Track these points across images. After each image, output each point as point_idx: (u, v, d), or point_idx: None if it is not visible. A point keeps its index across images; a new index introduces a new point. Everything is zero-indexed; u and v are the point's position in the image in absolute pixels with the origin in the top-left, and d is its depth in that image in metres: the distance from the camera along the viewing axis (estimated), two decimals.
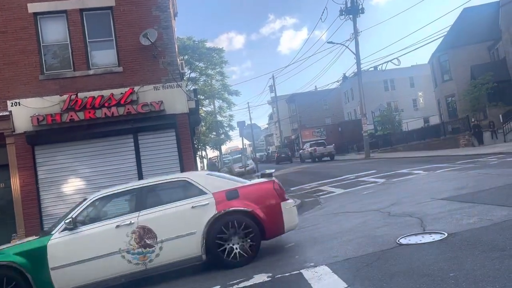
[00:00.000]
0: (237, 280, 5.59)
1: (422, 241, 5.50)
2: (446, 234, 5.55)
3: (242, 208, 6.44)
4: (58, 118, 12.12)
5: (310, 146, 41.66)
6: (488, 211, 6.45)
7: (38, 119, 12.03)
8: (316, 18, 71.60)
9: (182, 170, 12.82)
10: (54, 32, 12.87)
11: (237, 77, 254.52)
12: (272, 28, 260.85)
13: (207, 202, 6.45)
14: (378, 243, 5.89)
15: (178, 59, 14.16)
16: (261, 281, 5.32)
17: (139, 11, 13.00)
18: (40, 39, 12.67)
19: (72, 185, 12.54)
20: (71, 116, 12.15)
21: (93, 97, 12.32)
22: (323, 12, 62.04)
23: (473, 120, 28.12)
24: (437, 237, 5.55)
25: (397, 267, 4.67)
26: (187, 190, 6.75)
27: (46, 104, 12.30)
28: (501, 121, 28.05)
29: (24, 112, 12.18)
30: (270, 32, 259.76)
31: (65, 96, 12.28)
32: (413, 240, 5.67)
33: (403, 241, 5.71)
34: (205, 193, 6.57)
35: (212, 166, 27.67)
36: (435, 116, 47.24)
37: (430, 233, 5.83)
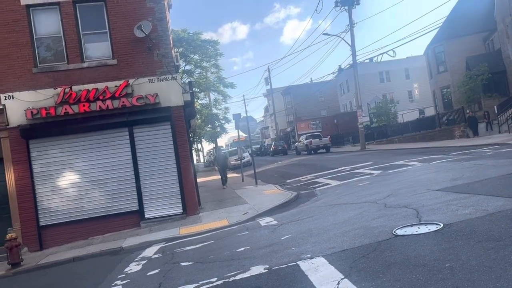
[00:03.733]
0: (234, 272, 5.59)
1: (418, 232, 5.51)
2: (442, 225, 5.57)
3: None
4: (53, 112, 12.04)
5: (306, 139, 41.64)
6: (484, 201, 6.48)
7: (32, 112, 11.94)
8: (319, 8, 71.34)
9: (178, 163, 12.80)
10: (47, 25, 12.73)
11: (238, 67, 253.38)
12: (276, 18, 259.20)
13: None
14: (374, 234, 5.90)
15: (172, 52, 14.08)
16: (258, 272, 5.33)
17: (133, 2, 12.87)
18: (33, 32, 12.54)
19: (68, 179, 12.50)
20: (66, 109, 12.07)
21: (88, 90, 12.24)
22: (318, 4, 61.61)
23: (468, 112, 28.19)
24: (432, 228, 5.57)
25: (393, 258, 4.69)
26: None
27: (40, 97, 12.21)
28: (496, 112, 28.13)
29: (18, 106, 12.09)
30: (274, 22, 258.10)
31: (59, 89, 12.19)
32: (409, 231, 5.68)
33: (399, 232, 5.72)
34: None
35: (223, 158, 22.23)
36: (430, 108, 47.35)
37: (426, 224, 5.85)
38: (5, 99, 12.11)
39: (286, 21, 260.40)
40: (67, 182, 12.52)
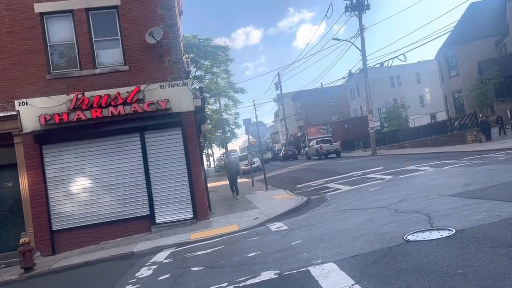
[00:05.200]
0: (244, 277, 5.59)
1: (430, 238, 5.46)
2: (454, 231, 5.51)
3: None
4: (65, 117, 12.20)
5: (316, 143, 41.56)
6: (497, 207, 6.39)
7: (45, 118, 12.11)
8: (333, 11, 72.28)
9: (189, 168, 12.86)
10: (61, 32, 12.93)
11: (251, 72, 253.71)
12: (290, 22, 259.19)
13: None
14: (385, 240, 5.86)
15: (183, 57, 14.18)
16: (268, 278, 5.32)
17: (145, 9, 13.02)
18: (47, 39, 12.75)
19: (80, 184, 12.63)
20: (78, 115, 12.22)
21: (100, 96, 12.38)
22: (328, 9, 61.78)
23: (480, 116, 27.89)
24: (445, 233, 5.51)
25: (404, 264, 4.65)
26: None
27: (53, 104, 12.39)
28: (509, 116, 27.80)
29: (32, 112, 12.27)
30: (288, 26, 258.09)
31: (72, 95, 12.36)
32: (420, 236, 5.63)
33: (410, 237, 5.67)
34: None
35: (233, 165, 19.00)
36: (442, 112, 46.96)
37: (438, 229, 5.79)
38: (19, 105, 12.31)
39: (300, 26, 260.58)
40: (79, 187, 12.64)
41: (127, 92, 12.57)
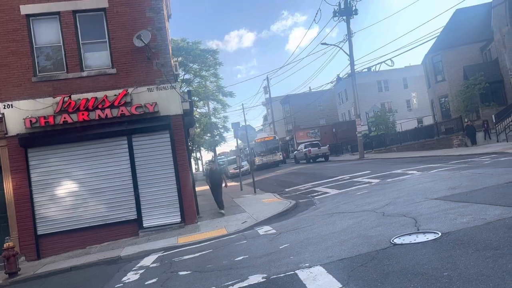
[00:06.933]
0: (232, 281, 5.58)
1: (416, 241, 5.51)
2: (440, 234, 5.57)
3: None
4: (52, 120, 12.05)
5: (305, 147, 41.71)
6: (482, 210, 6.49)
7: (31, 121, 11.95)
8: (323, 16, 73.34)
9: (177, 171, 12.79)
10: (47, 34, 12.79)
11: (243, 75, 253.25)
12: (283, 25, 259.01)
13: None
14: (372, 243, 5.90)
15: (172, 61, 14.13)
16: (256, 282, 5.31)
17: (133, 12, 12.96)
18: (33, 41, 12.60)
19: (66, 188, 12.47)
20: (65, 118, 12.09)
21: (87, 99, 12.27)
22: (316, 14, 62.14)
23: (466, 121, 28.30)
24: (431, 236, 5.57)
25: (391, 267, 4.68)
26: None
27: (39, 106, 12.23)
28: (494, 121, 28.25)
29: (17, 114, 12.10)
30: (281, 30, 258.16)
31: (58, 98, 12.22)
32: (407, 239, 5.68)
33: (397, 241, 5.72)
34: None
35: (216, 174, 15.25)
36: (428, 117, 47.52)
37: (424, 232, 5.85)
38: (4, 108, 12.13)
39: (292, 29, 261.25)
40: (65, 191, 12.48)
41: (115, 95, 12.47)
